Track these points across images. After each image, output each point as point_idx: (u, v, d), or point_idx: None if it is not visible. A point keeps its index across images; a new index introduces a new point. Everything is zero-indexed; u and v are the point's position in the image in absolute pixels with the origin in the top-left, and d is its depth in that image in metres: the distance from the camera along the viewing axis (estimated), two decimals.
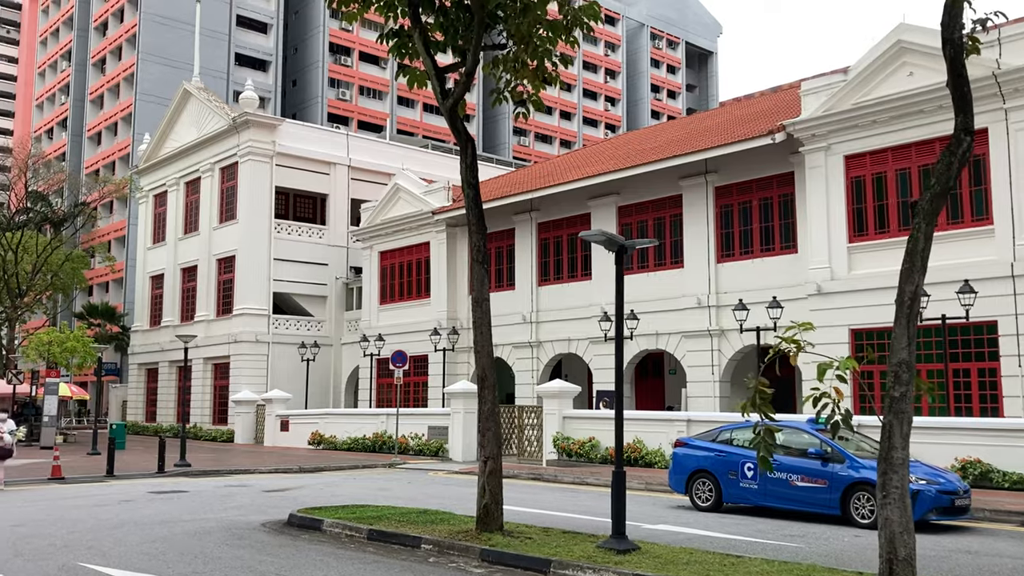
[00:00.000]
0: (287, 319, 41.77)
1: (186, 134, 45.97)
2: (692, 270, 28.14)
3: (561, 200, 32.09)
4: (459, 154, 11.80)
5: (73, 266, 46.12)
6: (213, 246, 43.26)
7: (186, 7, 63.97)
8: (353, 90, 72.69)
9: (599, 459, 24.51)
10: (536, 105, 11.85)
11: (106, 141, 68.00)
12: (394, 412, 31.12)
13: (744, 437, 15.23)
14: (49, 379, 31.95)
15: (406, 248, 38.38)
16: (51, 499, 16.95)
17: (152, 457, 27.74)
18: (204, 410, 42.70)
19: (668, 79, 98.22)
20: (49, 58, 79.06)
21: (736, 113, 32.27)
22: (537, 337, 32.82)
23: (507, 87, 11.60)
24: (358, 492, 17.92)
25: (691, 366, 27.97)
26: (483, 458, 11.06)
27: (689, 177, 28.30)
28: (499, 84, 11.69)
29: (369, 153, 45.57)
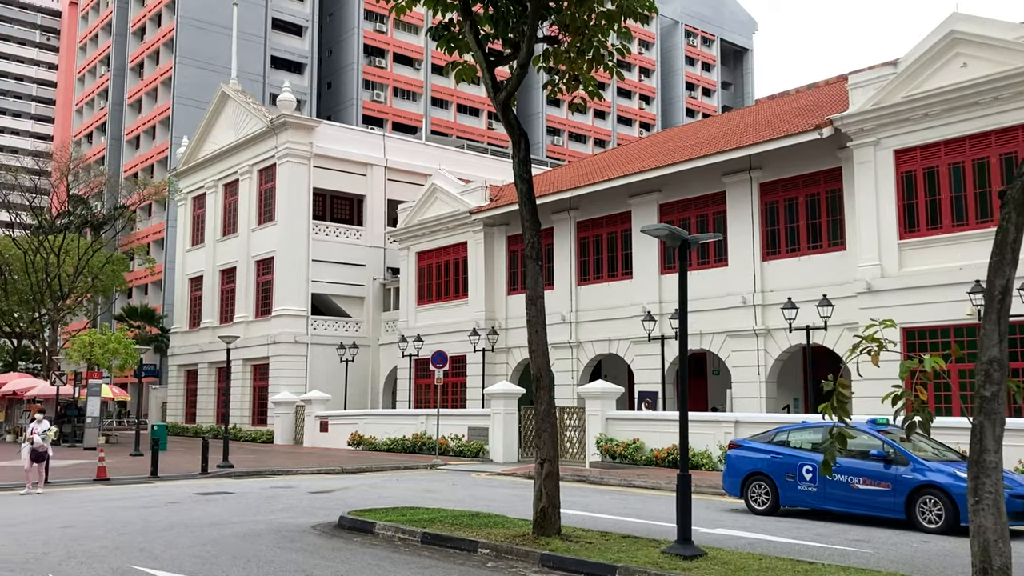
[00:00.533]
0: (325, 320, 41.81)
1: (224, 136, 46.20)
2: (737, 268, 27.65)
3: (601, 198, 31.72)
4: (511, 149, 11.53)
5: (113, 268, 46.52)
6: (252, 248, 43.42)
7: (222, 11, 64.40)
8: (387, 91, 72.79)
9: (643, 461, 24.12)
10: (592, 94, 11.54)
11: (144, 145, 68.66)
12: (433, 413, 30.97)
13: (801, 438, 14.81)
14: (92, 380, 32.19)
15: (443, 248, 38.21)
16: (98, 500, 16.92)
17: (194, 458, 27.80)
18: (243, 411, 42.86)
19: (703, 77, 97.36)
20: (88, 63, 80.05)
21: (777, 109, 31.70)
22: (577, 337, 32.48)
23: (562, 78, 11.30)
24: (404, 494, 17.71)
25: (736, 366, 27.48)
26: (539, 460, 10.77)
27: (733, 174, 27.82)
28: (553, 76, 11.41)
29: (405, 154, 45.52)
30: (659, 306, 29.66)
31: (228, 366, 28.32)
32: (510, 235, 35.76)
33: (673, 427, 24.12)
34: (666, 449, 23.48)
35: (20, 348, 52.36)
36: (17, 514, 14.84)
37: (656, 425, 24.49)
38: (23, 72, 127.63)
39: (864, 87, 24.01)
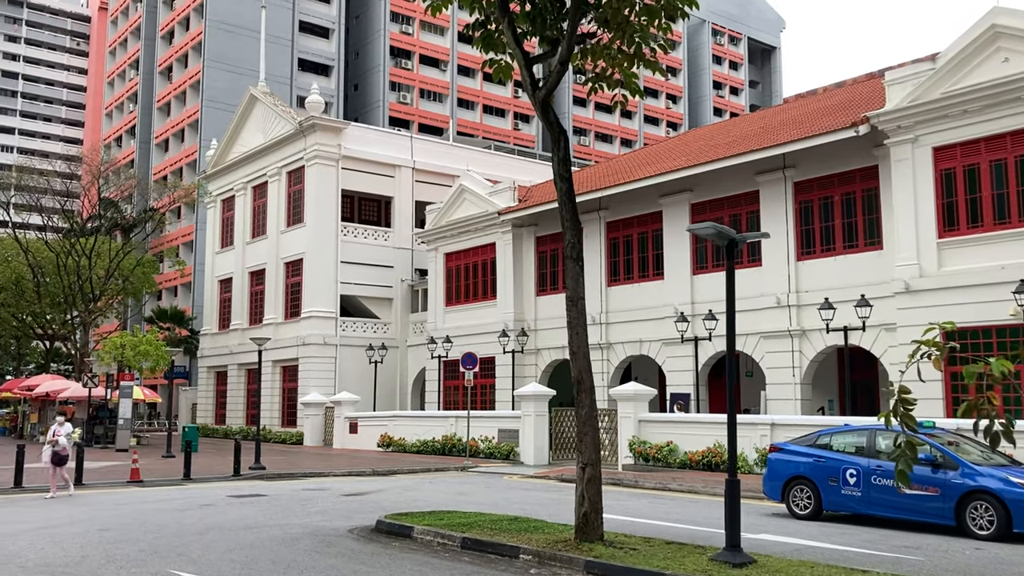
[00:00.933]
0: (354, 321, 41.83)
1: (253, 139, 46.38)
2: (771, 268, 27.28)
3: (631, 198, 31.44)
4: (551, 147, 11.34)
5: (144, 271, 46.82)
6: (281, 249, 43.54)
7: (250, 14, 64.77)
8: (414, 93, 72.87)
9: (678, 464, 23.83)
10: (634, 91, 11.32)
11: (173, 147, 69.19)
12: (463, 415, 30.84)
13: (844, 442, 14.49)
14: (123, 382, 32.39)
15: (471, 249, 38.08)
16: (133, 503, 16.92)
17: (226, 460, 27.83)
18: (273, 412, 42.96)
19: (731, 75, 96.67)
20: (118, 67, 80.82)
21: (809, 107, 31.26)
22: (607, 339, 32.21)
23: (602, 76, 11.10)
24: (438, 497, 17.56)
25: (770, 368, 27.11)
26: (581, 464, 10.56)
27: (766, 172, 27.46)
28: (594, 72, 11.21)
29: (433, 155, 45.47)
30: (691, 307, 29.33)
31: (259, 368, 28.36)
32: (539, 236, 35.57)
33: (708, 429, 23.87)
34: (701, 452, 23.17)
35: (52, 350, 52.94)
36: (53, 516, 14.84)
37: (690, 427, 24.20)
38: (53, 77, 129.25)
39: (901, 83, 23.58)
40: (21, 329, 48.59)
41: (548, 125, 11.20)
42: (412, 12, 73.19)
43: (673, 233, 30.27)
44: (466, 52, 75.98)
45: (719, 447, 22.95)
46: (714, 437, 23.23)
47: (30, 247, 42.86)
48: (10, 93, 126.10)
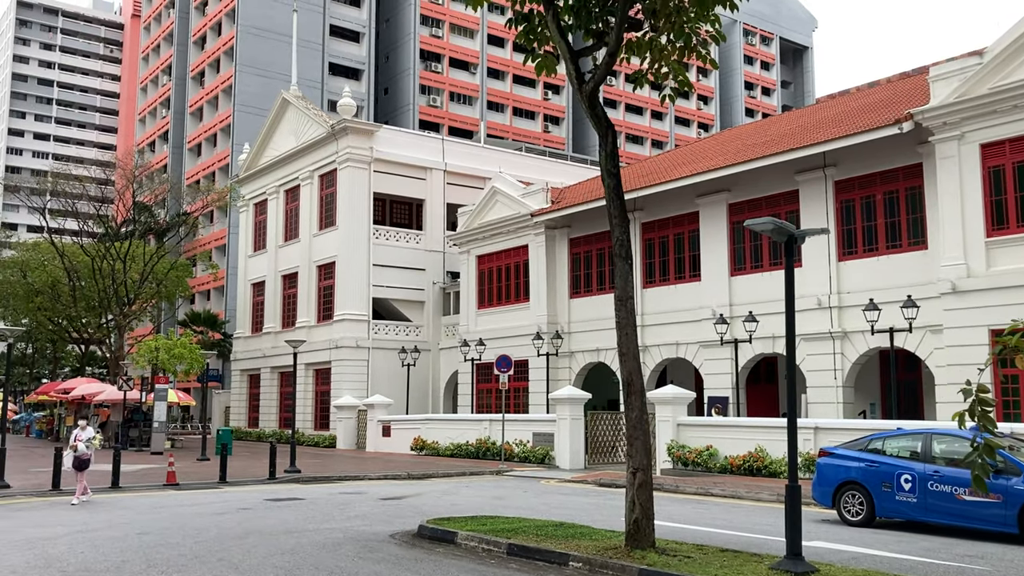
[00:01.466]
0: (386, 324, 41.72)
1: (285, 143, 46.48)
2: (811, 269, 26.75)
3: (666, 199, 31.04)
4: (599, 143, 11.03)
5: (177, 275, 47.06)
6: (313, 253, 43.57)
7: (281, 19, 65.06)
8: (444, 96, 72.82)
9: (717, 468, 23.37)
10: (683, 84, 10.99)
11: (206, 152, 69.66)
12: (498, 418, 30.55)
13: (897, 446, 14.03)
14: (159, 385, 32.47)
15: (504, 252, 37.83)
16: (170, 506, 16.80)
17: (260, 463, 27.79)
18: (306, 415, 42.96)
19: (762, 76, 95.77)
20: (151, 73, 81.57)
21: (847, 106, 30.65)
22: (642, 342, 31.71)
23: (650, 68, 10.79)
24: (476, 501, 17.28)
25: (811, 371, 26.57)
26: (632, 469, 10.23)
27: (806, 171, 26.95)
28: (641, 66, 10.89)
29: (464, 157, 45.31)
30: (729, 309, 28.85)
31: (294, 370, 28.27)
32: (572, 237, 35.24)
33: (748, 433, 23.40)
34: (741, 456, 22.70)
35: (88, 354, 53.39)
36: (91, 520, 14.75)
37: (730, 431, 23.73)
38: (87, 84, 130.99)
39: (947, 79, 23.00)
40: (57, 333, 49.02)
41: (596, 119, 10.89)
42: (442, 15, 73.19)
43: (710, 234, 29.83)
44: (496, 55, 75.88)
45: (761, 451, 22.48)
46: (755, 441, 22.76)
47: (66, 251, 43.19)
48: (45, 100, 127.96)
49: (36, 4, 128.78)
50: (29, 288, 44.53)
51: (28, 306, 44.14)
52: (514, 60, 76.99)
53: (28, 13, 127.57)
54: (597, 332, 33.36)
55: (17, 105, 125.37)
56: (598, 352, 33.43)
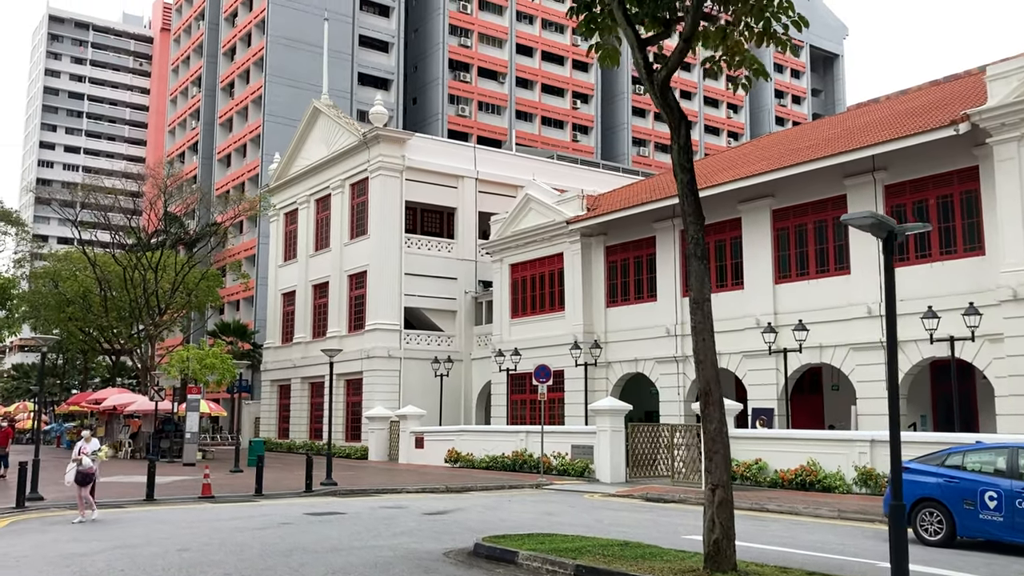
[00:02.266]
0: (418, 334, 41.18)
1: (316, 152, 46.19)
2: (860, 276, 25.87)
3: (707, 205, 29.63)
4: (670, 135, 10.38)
5: (208, 284, 46.84)
6: (344, 262, 43.16)
7: (310, 29, 65.02)
8: (472, 106, 72.46)
9: (767, 482, 22.53)
10: (757, 72, 10.32)
11: (235, 163, 69.68)
12: (535, 430, 29.92)
13: (979, 460, 13.21)
14: (190, 395, 32.09)
15: (538, 260, 37.17)
16: (208, 520, 16.26)
17: (294, 475, 27.31)
18: (337, 426, 42.40)
19: (793, 84, 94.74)
20: (180, 85, 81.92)
21: (894, 109, 29.76)
22: (683, 351, 30.95)
23: (723, 56, 10.14)
24: (524, 518, 16.60)
25: (861, 381, 25.64)
26: (711, 486, 9.53)
27: (854, 176, 26.10)
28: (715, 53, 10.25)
29: (495, 165, 44.78)
30: (774, 318, 28.00)
31: (330, 380, 27.69)
32: (608, 245, 34.52)
33: (800, 446, 22.55)
34: (793, 470, 21.86)
35: (118, 364, 53.28)
36: (129, 535, 14.22)
37: (781, 444, 22.89)
38: (117, 97, 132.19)
39: (1006, 78, 22.13)
40: (88, 343, 48.93)
41: (668, 110, 10.25)
42: (471, 25, 72.91)
43: (753, 240, 29.03)
44: (524, 64, 75.47)
45: (814, 465, 21.63)
46: (807, 454, 21.92)
47: (97, 261, 43.05)
48: (76, 113, 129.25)
49: (67, 19, 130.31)
50: (61, 298, 44.43)
51: (59, 316, 44.04)
52: (543, 69, 76.55)
53: (60, 28, 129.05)
54: (635, 342, 32.63)
55: (48, 118, 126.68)
56: (636, 363, 32.66)
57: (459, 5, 72.74)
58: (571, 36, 78.63)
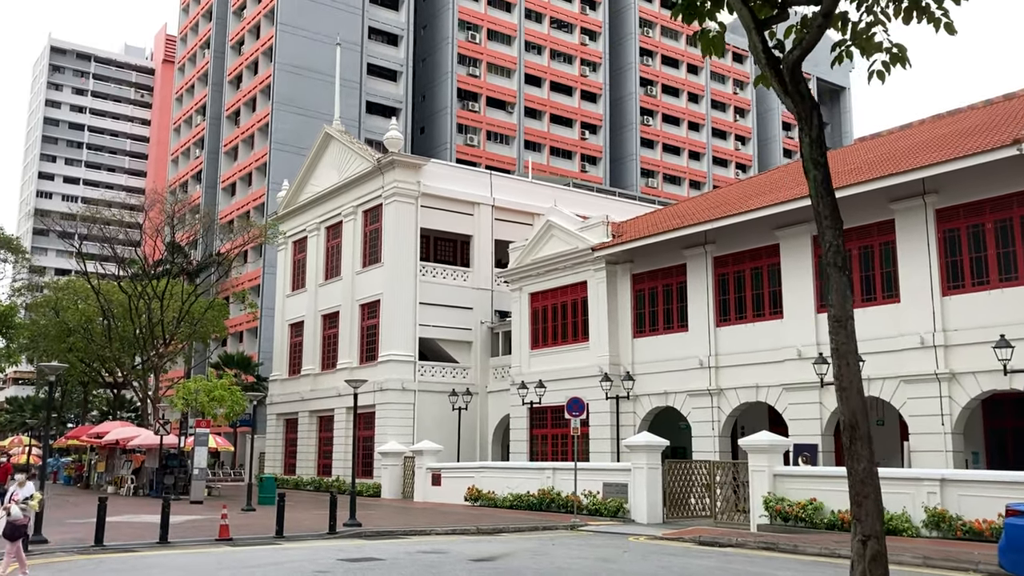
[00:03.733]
0: (432, 366, 39.68)
1: (327, 178, 45.01)
2: (911, 305, 24.53)
3: (741, 231, 28.99)
4: (799, 127, 9.11)
5: (214, 314, 45.37)
6: (356, 291, 41.79)
7: (318, 57, 64.25)
8: (481, 135, 71.59)
9: (824, 524, 21.01)
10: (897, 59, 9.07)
11: (240, 191, 68.53)
12: (564, 466, 28.51)
13: None
14: (199, 429, 30.53)
15: (560, 289, 35.82)
16: (234, 567, 14.72)
17: (311, 514, 25.79)
18: (346, 462, 40.76)
19: None
20: (184, 114, 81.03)
21: (940, 131, 28.58)
22: (717, 384, 29.55)
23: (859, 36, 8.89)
24: (580, 564, 15.08)
25: (913, 416, 24.22)
26: (860, 537, 8.12)
27: (903, 199, 24.88)
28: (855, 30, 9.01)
29: (511, 192, 43.61)
30: (816, 348, 26.62)
31: (355, 414, 26.21)
32: (635, 273, 33.20)
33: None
34: None
35: (118, 397, 51.63)
36: None
37: (837, 483, 21.23)
38: (117, 128, 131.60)
39: None
40: (88, 375, 47.32)
41: (798, 98, 8.99)
42: (479, 55, 72.26)
43: (793, 268, 27.72)
44: (533, 94, 74.77)
45: None
46: None
47: (101, 289, 41.58)
48: (76, 144, 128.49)
49: (69, 50, 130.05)
50: (62, 327, 42.87)
51: (60, 347, 42.45)
52: (551, 99, 75.83)
53: (61, 59, 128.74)
54: (664, 374, 31.20)
55: (48, 149, 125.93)
56: (666, 395, 31.20)
57: (468, 35, 72.15)
58: (580, 67, 78.05)
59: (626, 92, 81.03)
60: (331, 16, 66.20)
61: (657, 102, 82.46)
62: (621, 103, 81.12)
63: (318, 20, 65.75)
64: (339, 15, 66.48)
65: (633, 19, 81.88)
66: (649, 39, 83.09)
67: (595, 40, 79.56)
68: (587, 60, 78.66)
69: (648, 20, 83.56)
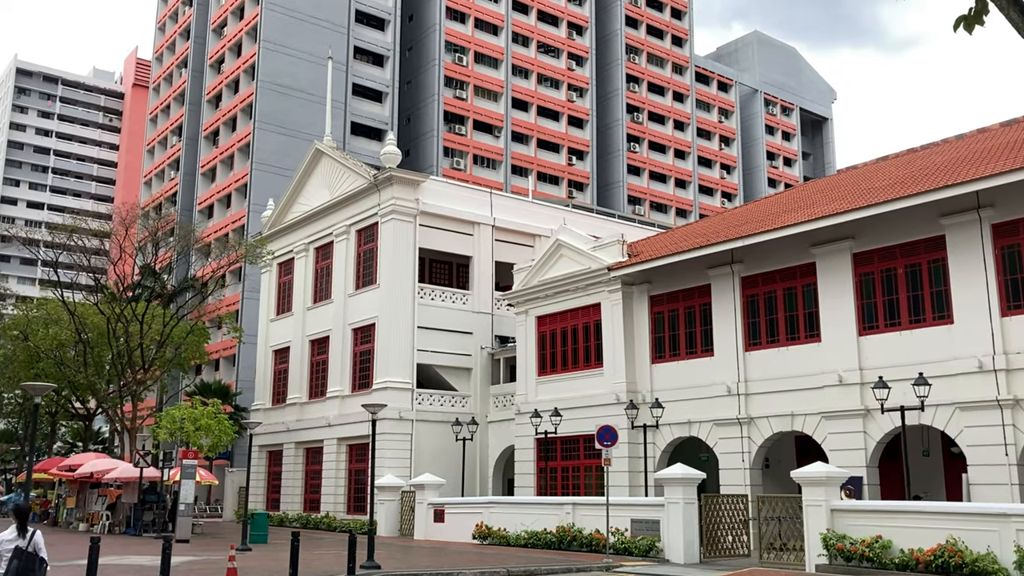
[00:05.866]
0: (431, 394, 37.43)
1: (317, 197, 42.87)
2: (966, 326, 22.89)
3: (773, 249, 27.27)
4: None
5: (195, 339, 42.75)
6: (348, 314, 39.51)
7: (302, 75, 62.39)
8: (467, 159, 69.95)
9: (893, 564, 19.04)
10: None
11: (219, 214, 66.05)
12: (585, 501, 26.52)
13: None
14: (186, 460, 27.97)
15: (570, 311, 33.83)
16: None
17: (312, 554, 23.56)
18: (338, 497, 38.25)
19: (784, 146, 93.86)
20: (159, 135, 78.53)
21: (977, 147, 27.26)
22: (747, 412, 27.66)
23: None
24: None
25: (971, 446, 22.48)
26: None
27: (954, 214, 23.33)
28: None
29: (513, 213, 41.76)
30: (859, 373, 24.88)
31: (372, 442, 24.19)
32: (653, 295, 31.36)
33: (932, 521, 19.09)
34: (930, 550, 18.40)
35: (89, 429, 48.66)
36: None
37: (907, 519, 19.45)
38: (85, 152, 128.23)
39: None
40: (58, 403, 44.39)
41: None
42: (466, 77, 70.80)
43: (831, 287, 26.00)
44: (520, 118, 73.37)
45: (956, 543, 18.19)
46: (944, 531, 18.51)
47: (76, 310, 38.82)
48: (41, 168, 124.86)
49: (36, 72, 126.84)
50: (31, 353, 39.96)
51: (28, 373, 39.54)
52: (538, 124, 74.48)
53: (27, 81, 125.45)
54: (687, 402, 29.25)
55: (12, 173, 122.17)
56: (689, 425, 29.25)
57: (455, 57, 70.69)
58: (567, 92, 76.88)
59: (612, 119, 79.97)
60: (316, 35, 64.41)
61: (644, 129, 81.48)
62: (608, 130, 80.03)
63: (302, 38, 63.92)
64: (324, 33, 64.70)
65: (620, 45, 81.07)
66: (636, 65, 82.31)
67: (582, 65, 78.52)
68: (574, 85, 77.54)
69: (634, 47, 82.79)
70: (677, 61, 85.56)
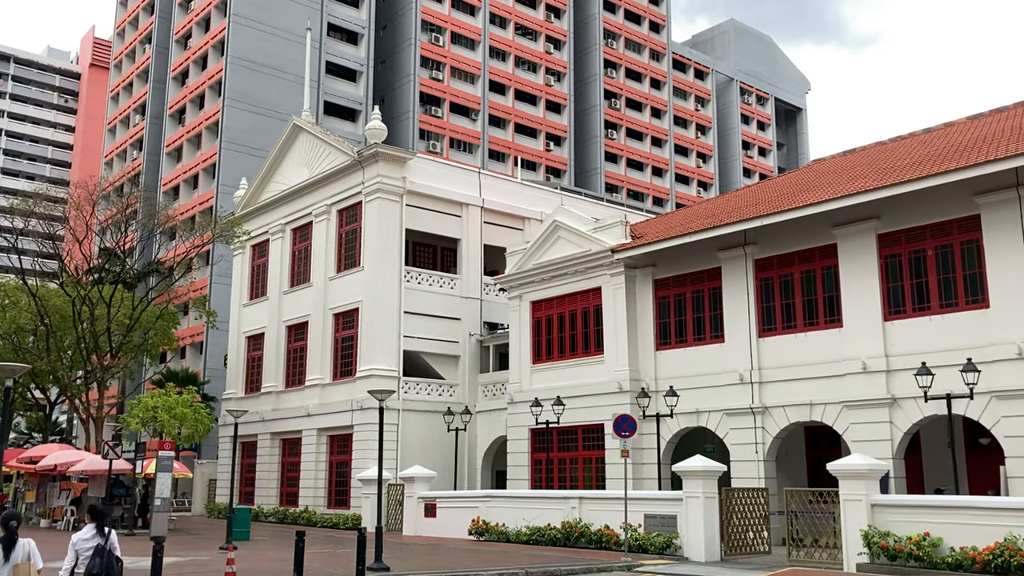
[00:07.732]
0: (417, 382, 35.59)
1: (295, 175, 40.72)
2: (1003, 311, 21.65)
3: (790, 230, 25.88)
4: None
5: (164, 324, 40.39)
6: (329, 299, 37.49)
7: (274, 52, 59.98)
8: (444, 142, 67.98)
9: (944, 563, 17.71)
10: None
11: (185, 195, 63.36)
12: (593, 495, 25.06)
13: None
14: (162, 452, 25.82)
15: (568, 296, 32.20)
16: None
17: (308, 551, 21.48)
18: (317, 491, 36.30)
19: (759, 136, 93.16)
20: (120, 113, 75.39)
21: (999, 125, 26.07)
22: (760, 401, 26.25)
23: None
24: None
25: (1008, 436, 21.25)
26: None
27: (989, 192, 22.07)
28: None
29: (502, 194, 39.99)
30: (884, 360, 23.57)
31: (380, 432, 22.23)
32: (657, 278, 29.83)
33: (986, 518, 17.76)
34: (987, 548, 17.07)
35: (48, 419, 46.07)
36: None
37: (958, 514, 18.11)
38: (39, 134, 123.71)
39: None
40: (16, 391, 41.74)
41: None
42: (443, 58, 68.78)
43: (853, 271, 24.64)
44: (497, 102, 71.55)
45: (1013, 541, 16.89)
46: (1001, 527, 17.20)
47: (39, 292, 36.28)
48: None
49: None
50: None
51: None
52: (516, 108, 72.73)
53: None
54: (695, 390, 27.76)
55: None
56: (697, 415, 27.78)
57: (431, 36, 68.63)
58: (544, 75, 75.20)
59: (590, 104, 78.48)
60: (287, 10, 61.99)
61: (621, 115, 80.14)
62: (585, 115, 78.53)
63: (274, 13, 61.45)
64: (296, 8, 62.27)
65: (598, 29, 79.55)
66: (613, 51, 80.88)
67: (560, 49, 76.88)
68: (552, 69, 75.88)
69: (612, 31, 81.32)
70: (654, 47, 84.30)
